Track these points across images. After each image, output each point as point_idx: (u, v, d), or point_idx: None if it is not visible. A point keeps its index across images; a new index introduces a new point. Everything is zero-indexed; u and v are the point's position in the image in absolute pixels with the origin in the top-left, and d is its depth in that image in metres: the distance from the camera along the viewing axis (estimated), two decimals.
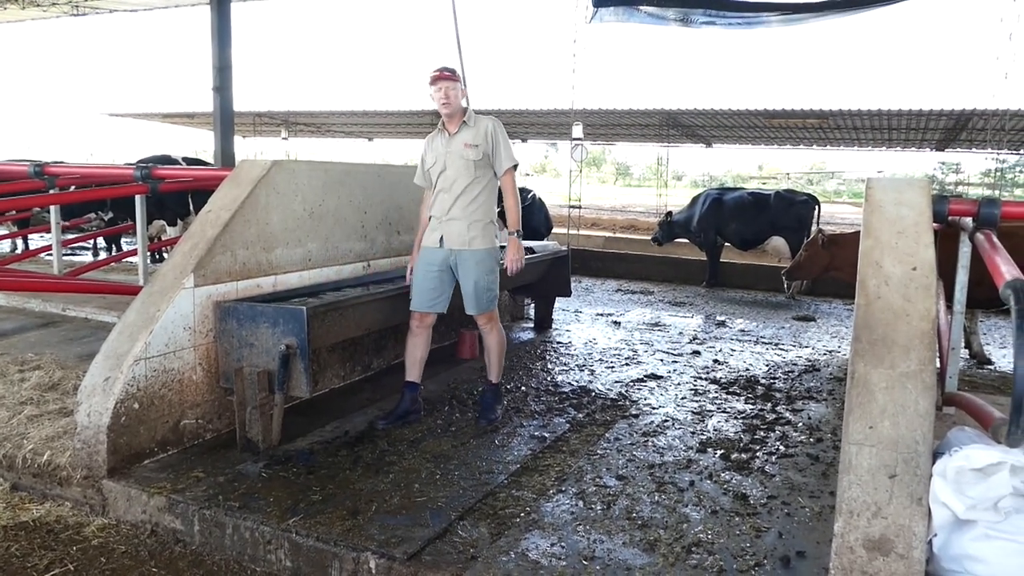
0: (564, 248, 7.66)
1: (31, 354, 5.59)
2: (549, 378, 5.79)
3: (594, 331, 7.73)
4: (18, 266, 8.53)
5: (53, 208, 7.96)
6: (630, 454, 4.26)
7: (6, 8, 15.40)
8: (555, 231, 13.05)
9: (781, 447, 4.45)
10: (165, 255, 10.59)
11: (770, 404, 5.31)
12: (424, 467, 3.96)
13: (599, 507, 3.56)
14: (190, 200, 10.02)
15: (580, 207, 17.39)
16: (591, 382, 5.72)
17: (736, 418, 4.98)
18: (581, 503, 3.60)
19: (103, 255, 11.72)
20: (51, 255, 8.33)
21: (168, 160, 10.61)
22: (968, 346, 6.80)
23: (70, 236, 10.81)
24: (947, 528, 2.54)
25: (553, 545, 3.19)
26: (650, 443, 4.45)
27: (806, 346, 7.47)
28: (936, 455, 2.59)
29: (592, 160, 68.25)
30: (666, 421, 4.86)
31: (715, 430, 4.72)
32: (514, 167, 4.57)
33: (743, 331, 8.14)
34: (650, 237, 13.26)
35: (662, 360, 6.54)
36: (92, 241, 12.26)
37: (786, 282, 9.96)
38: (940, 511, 2.51)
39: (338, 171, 5.38)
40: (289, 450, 4.12)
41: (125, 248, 11.74)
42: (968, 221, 3.74)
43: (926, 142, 20.70)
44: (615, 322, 8.32)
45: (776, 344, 7.48)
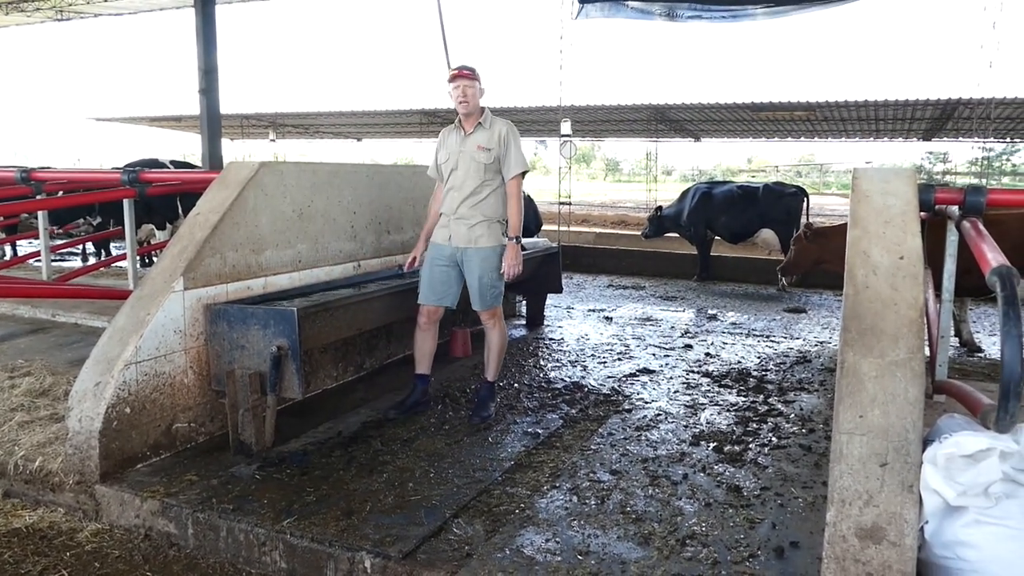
0: (555, 245, 7.67)
1: (21, 360, 5.56)
2: (542, 374, 5.79)
3: (586, 327, 7.74)
4: (6, 272, 8.50)
5: (41, 214, 7.92)
6: (623, 449, 4.27)
7: None
8: (545, 228, 13.06)
9: (773, 438, 4.47)
10: (154, 259, 10.55)
11: (762, 396, 5.33)
12: (418, 466, 3.96)
13: (593, 502, 3.57)
14: (178, 203, 9.99)
15: (570, 203, 17.42)
16: (584, 378, 5.72)
17: (728, 411, 4.99)
18: (575, 498, 3.61)
19: (92, 260, 11.68)
20: (40, 261, 8.30)
21: (156, 164, 10.58)
22: (958, 334, 6.83)
23: (59, 241, 10.78)
24: (938, 515, 2.55)
25: (548, 541, 3.20)
26: (643, 437, 4.46)
27: (797, 338, 7.49)
28: (926, 443, 2.60)
29: (581, 156, 68.33)
30: (659, 415, 4.87)
31: (708, 423, 4.74)
32: (523, 173, 4.56)
33: (734, 324, 8.16)
34: (640, 232, 13.27)
35: (654, 354, 6.55)
36: (81, 246, 12.22)
37: (782, 277, 9.98)
38: (931, 498, 2.53)
39: (326, 172, 5.37)
40: (282, 451, 4.12)
41: (114, 252, 11.70)
42: (955, 209, 3.76)
43: (913, 132, 20.80)
44: (607, 317, 8.33)
45: (767, 336, 7.50)
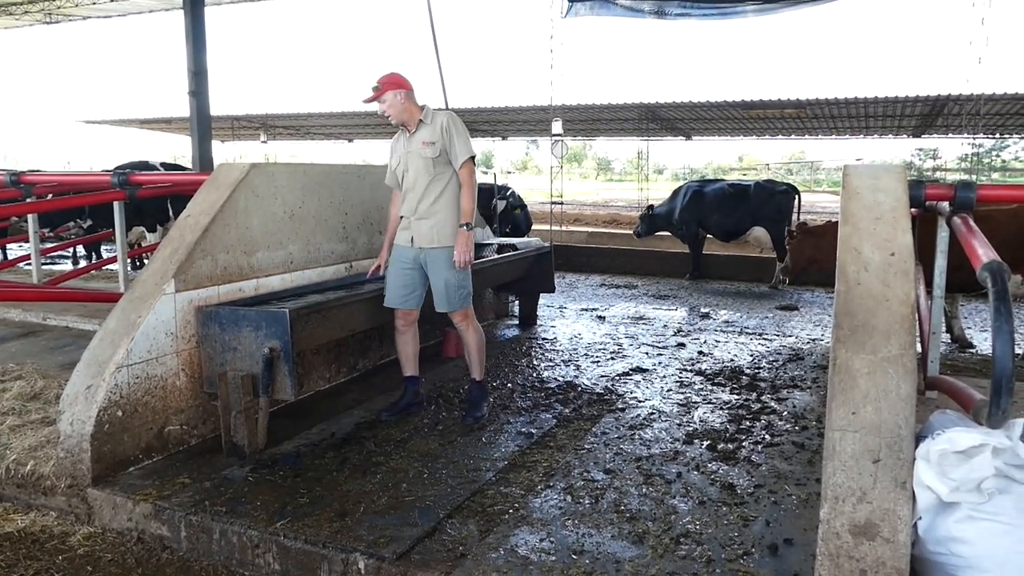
0: (547, 244, 7.66)
1: (12, 364, 5.54)
2: (535, 374, 5.79)
3: (579, 326, 7.74)
4: None
5: (31, 217, 7.89)
6: (617, 447, 4.27)
7: None
8: (537, 227, 13.07)
9: (767, 436, 4.47)
10: (145, 261, 10.52)
11: (755, 394, 5.33)
12: (412, 466, 3.95)
13: (587, 501, 3.57)
14: (169, 206, 9.96)
15: (562, 203, 17.42)
16: (577, 377, 5.73)
17: (722, 409, 5.00)
18: (569, 498, 3.61)
19: (83, 263, 11.63)
20: (30, 264, 8.26)
21: (146, 166, 10.56)
22: (950, 330, 6.86)
23: (49, 245, 10.73)
24: (932, 511, 2.55)
25: (542, 540, 3.19)
26: (637, 436, 4.46)
27: (790, 335, 7.50)
28: (919, 439, 2.61)
29: (573, 156, 68.36)
30: (652, 414, 4.87)
31: (701, 421, 4.74)
32: (471, 159, 4.54)
33: (727, 322, 8.18)
34: (632, 231, 13.29)
35: (647, 353, 6.56)
36: (71, 249, 12.17)
37: (784, 278, 9.98)
38: (924, 494, 2.53)
39: (317, 173, 5.36)
40: (275, 453, 4.10)
41: (105, 255, 11.66)
42: (945, 205, 3.76)
43: (903, 129, 20.87)
44: (599, 317, 8.33)
45: (760, 334, 7.51)
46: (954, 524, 2.51)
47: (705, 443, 4.34)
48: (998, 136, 25.66)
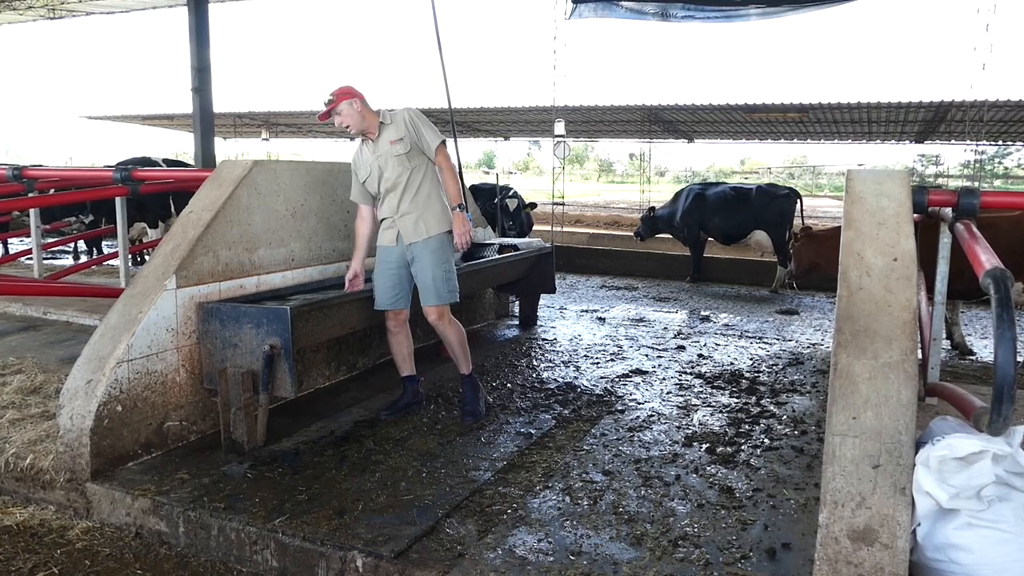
0: (548, 245, 7.66)
1: (12, 358, 5.54)
2: (534, 375, 5.79)
3: (579, 327, 7.74)
4: None
5: (32, 211, 7.89)
6: (616, 449, 4.27)
7: None
8: (538, 228, 13.07)
9: (766, 440, 4.47)
10: (146, 257, 10.52)
11: (755, 398, 5.33)
12: (410, 465, 3.95)
13: (586, 502, 3.57)
14: (171, 202, 9.96)
15: (564, 204, 17.42)
16: (576, 378, 5.72)
17: (721, 412, 4.99)
18: (568, 499, 3.61)
19: (84, 258, 11.64)
20: (31, 259, 8.27)
21: (148, 162, 10.54)
22: (950, 337, 6.86)
23: (50, 240, 10.73)
24: (931, 517, 2.55)
25: (540, 541, 3.19)
26: (636, 438, 4.46)
27: (790, 340, 7.50)
28: (919, 445, 2.61)
29: (575, 157, 68.39)
30: (652, 416, 4.87)
31: (700, 424, 4.74)
32: (443, 143, 4.53)
33: (727, 325, 8.17)
34: (633, 232, 13.29)
35: (647, 355, 6.56)
36: (73, 244, 12.17)
37: (790, 281, 9.98)
38: (924, 500, 2.53)
39: (320, 170, 5.36)
40: (274, 450, 4.11)
41: (106, 251, 11.66)
42: (948, 211, 3.77)
43: (905, 134, 20.84)
44: (600, 318, 8.33)
45: (760, 338, 7.51)
46: (953, 531, 2.51)
47: (704, 446, 4.33)
48: (1001, 143, 25.66)
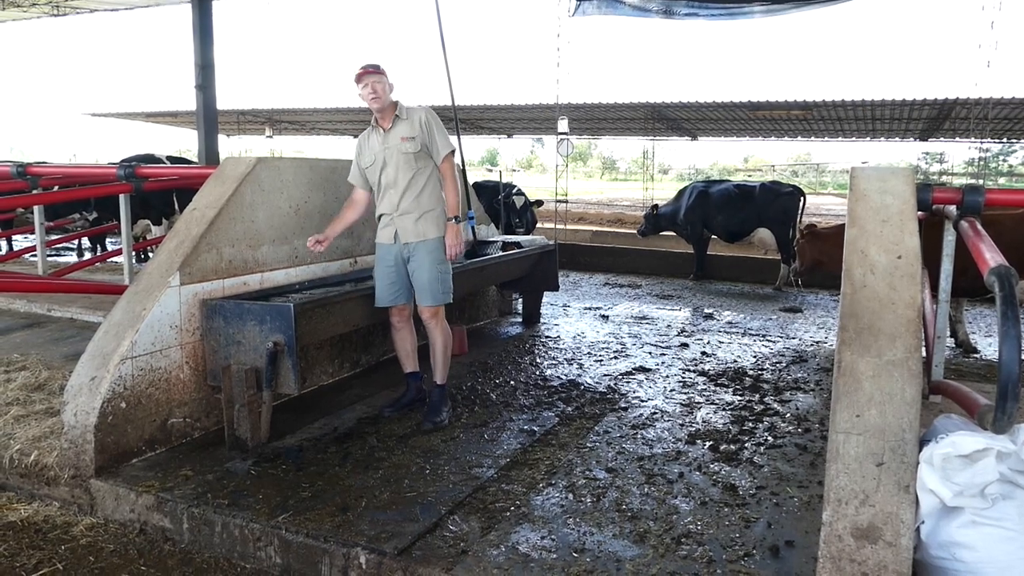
0: (551, 242, 7.66)
1: (16, 355, 5.56)
2: (538, 372, 5.79)
3: (582, 325, 7.74)
4: (2, 267, 8.47)
5: (36, 208, 7.90)
6: (619, 447, 4.27)
7: None
8: (542, 226, 13.06)
9: (769, 438, 4.47)
10: (150, 254, 10.53)
11: (758, 395, 5.33)
12: (414, 462, 3.95)
13: (589, 500, 3.57)
14: (175, 199, 9.97)
15: (567, 201, 17.40)
16: (580, 376, 5.72)
17: (724, 410, 4.99)
18: (571, 496, 3.61)
19: (88, 255, 11.65)
20: (35, 256, 8.28)
21: (152, 159, 10.55)
22: (954, 335, 6.85)
23: (54, 236, 10.75)
24: (934, 515, 2.55)
25: (543, 538, 3.19)
26: (639, 435, 4.46)
27: (793, 337, 7.49)
28: (923, 443, 2.60)
29: (578, 155, 68.31)
30: (655, 413, 4.87)
31: (704, 422, 4.74)
32: (451, 153, 4.54)
33: (731, 323, 8.17)
34: (636, 230, 13.27)
35: (650, 353, 6.55)
36: (76, 241, 12.19)
37: (794, 279, 9.97)
38: (927, 498, 2.53)
39: (323, 168, 5.36)
40: (278, 447, 4.11)
41: (110, 248, 11.68)
42: (952, 209, 3.76)
43: (910, 132, 20.79)
44: (603, 316, 8.33)
45: (764, 336, 7.50)
46: (957, 529, 2.51)
47: (707, 444, 4.33)
48: (1006, 141, 25.60)
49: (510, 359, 6.14)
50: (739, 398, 5.26)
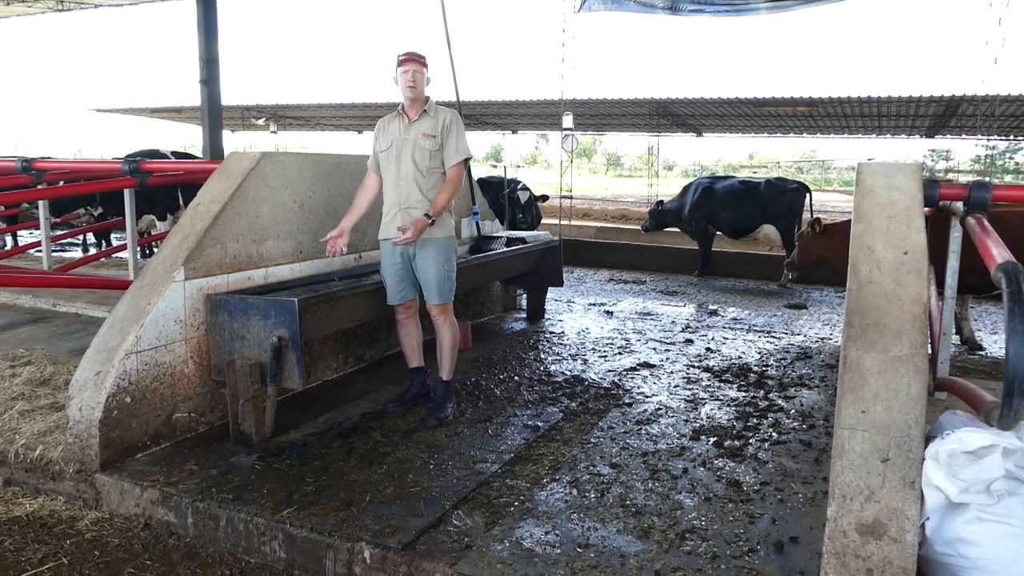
0: (556, 238, 7.66)
1: (22, 350, 5.57)
2: (542, 368, 5.79)
3: (587, 320, 7.73)
4: (7, 262, 8.49)
5: (41, 204, 7.91)
6: (623, 442, 4.26)
7: None
8: (546, 222, 13.04)
9: (774, 434, 4.46)
10: (155, 249, 10.54)
11: (763, 391, 5.32)
12: (418, 457, 3.96)
13: (593, 495, 3.57)
14: (179, 194, 9.98)
15: (572, 197, 17.39)
16: (584, 371, 5.72)
17: (729, 406, 4.99)
18: (575, 491, 3.61)
19: (93, 251, 11.67)
20: (40, 251, 8.29)
21: (156, 154, 10.56)
22: (959, 332, 6.83)
23: (59, 232, 10.77)
24: (940, 511, 2.54)
25: (547, 533, 3.19)
26: (643, 431, 4.46)
27: (798, 334, 7.48)
28: (928, 439, 2.60)
29: (583, 151, 68.24)
30: (659, 409, 4.86)
31: (708, 418, 4.73)
32: (464, 161, 4.51)
33: (735, 319, 8.15)
34: (640, 226, 13.26)
35: (655, 349, 6.55)
36: (81, 237, 12.20)
37: (786, 272, 9.95)
38: (933, 494, 2.52)
39: (328, 163, 5.36)
40: (282, 442, 4.12)
41: (115, 243, 11.69)
42: (959, 205, 3.74)
43: (916, 129, 20.73)
44: (607, 311, 8.32)
45: (768, 332, 7.49)
46: (962, 525, 2.50)
47: (712, 439, 4.33)
48: (1012, 138, 25.49)
49: (514, 354, 6.14)
50: (743, 394, 5.25)
